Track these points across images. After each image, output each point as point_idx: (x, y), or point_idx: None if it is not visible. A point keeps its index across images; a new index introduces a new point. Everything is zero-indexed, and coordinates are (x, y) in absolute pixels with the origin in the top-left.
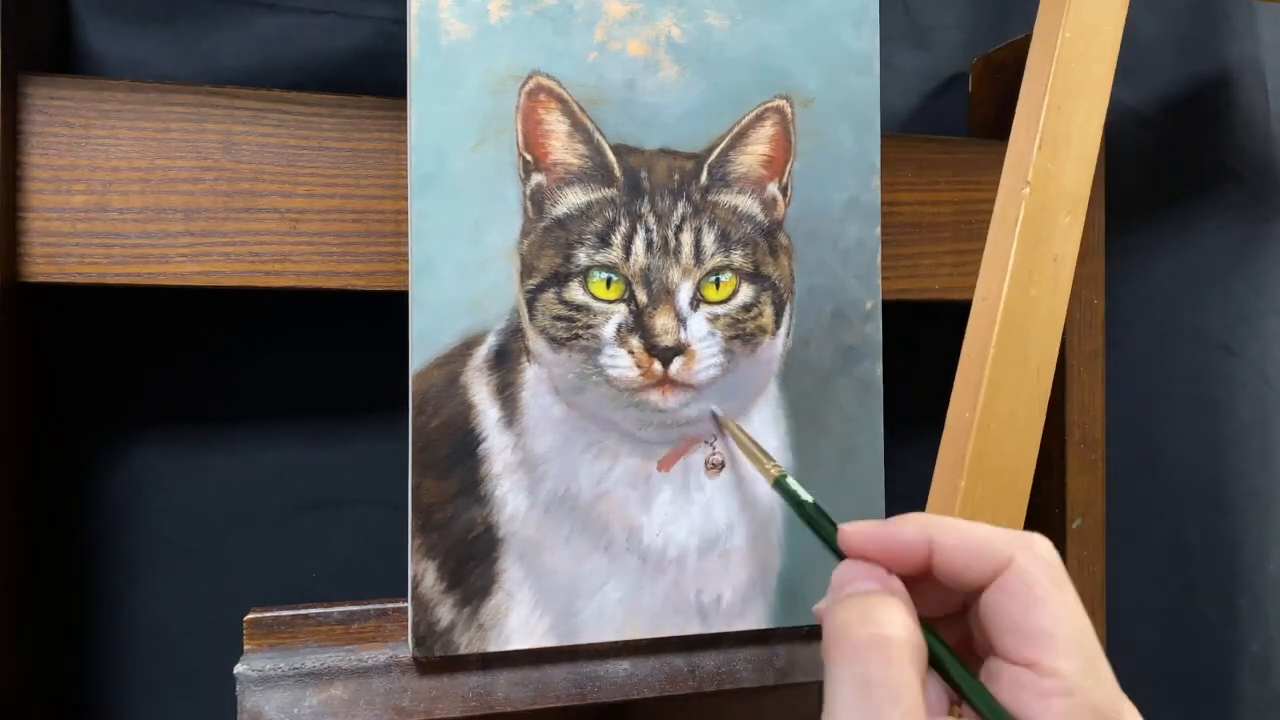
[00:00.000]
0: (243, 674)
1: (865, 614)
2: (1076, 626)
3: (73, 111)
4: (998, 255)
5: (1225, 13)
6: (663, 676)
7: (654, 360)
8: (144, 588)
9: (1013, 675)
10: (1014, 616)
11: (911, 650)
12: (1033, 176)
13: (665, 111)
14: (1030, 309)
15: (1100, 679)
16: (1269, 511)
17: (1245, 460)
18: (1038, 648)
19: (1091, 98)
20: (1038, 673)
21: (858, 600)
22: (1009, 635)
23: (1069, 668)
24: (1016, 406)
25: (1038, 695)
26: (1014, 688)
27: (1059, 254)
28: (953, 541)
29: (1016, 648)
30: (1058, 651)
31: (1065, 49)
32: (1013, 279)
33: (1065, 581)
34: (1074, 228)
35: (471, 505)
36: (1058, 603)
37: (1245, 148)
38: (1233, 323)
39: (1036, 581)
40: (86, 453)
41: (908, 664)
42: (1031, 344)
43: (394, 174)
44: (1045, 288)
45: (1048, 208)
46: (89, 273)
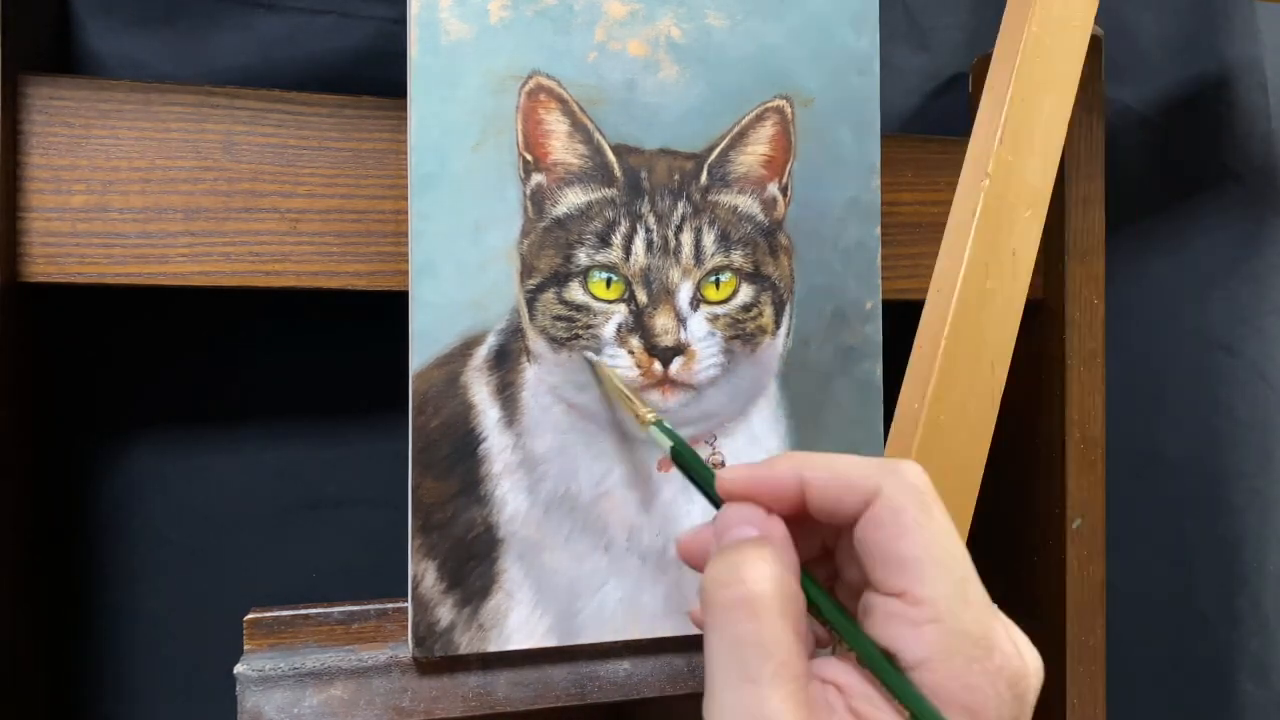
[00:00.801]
0: (243, 674)
1: (732, 572)
2: (945, 551)
3: (73, 111)
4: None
5: (1225, 13)
6: (663, 676)
7: (654, 360)
8: (144, 588)
9: (885, 606)
10: (883, 546)
11: (780, 602)
12: (993, 169)
13: (665, 111)
14: (986, 302)
15: (969, 601)
16: (1269, 511)
17: (1245, 460)
18: (906, 576)
19: (1057, 93)
20: (907, 601)
21: (726, 556)
22: (879, 566)
23: (937, 593)
24: (968, 400)
25: (908, 624)
26: (886, 619)
27: (1018, 248)
28: (823, 476)
29: (887, 578)
30: (925, 579)
31: (1031, 43)
32: (968, 271)
33: (934, 506)
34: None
35: (471, 505)
36: (925, 528)
37: (1245, 148)
38: (1233, 323)
39: (903, 509)
40: (86, 453)
41: (777, 617)
42: (987, 338)
43: (394, 174)
44: (1003, 281)
45: (1008, 201)
46: (89, 273)
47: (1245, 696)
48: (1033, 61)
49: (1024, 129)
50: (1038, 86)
